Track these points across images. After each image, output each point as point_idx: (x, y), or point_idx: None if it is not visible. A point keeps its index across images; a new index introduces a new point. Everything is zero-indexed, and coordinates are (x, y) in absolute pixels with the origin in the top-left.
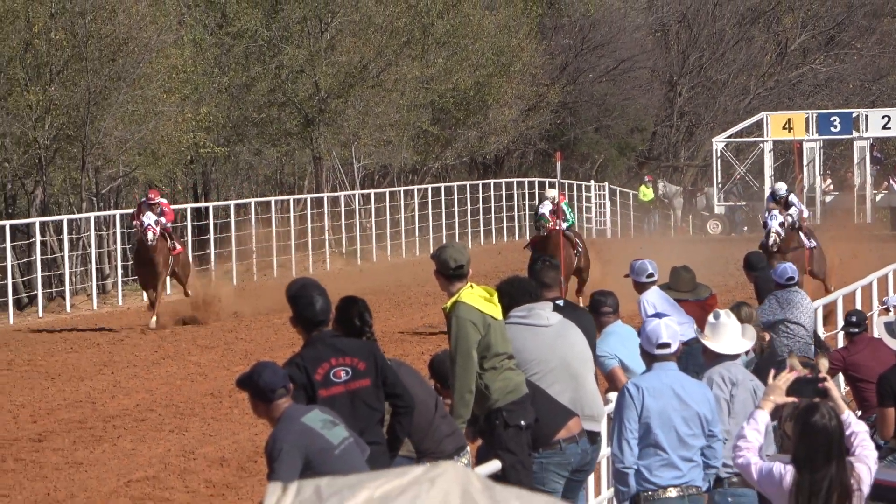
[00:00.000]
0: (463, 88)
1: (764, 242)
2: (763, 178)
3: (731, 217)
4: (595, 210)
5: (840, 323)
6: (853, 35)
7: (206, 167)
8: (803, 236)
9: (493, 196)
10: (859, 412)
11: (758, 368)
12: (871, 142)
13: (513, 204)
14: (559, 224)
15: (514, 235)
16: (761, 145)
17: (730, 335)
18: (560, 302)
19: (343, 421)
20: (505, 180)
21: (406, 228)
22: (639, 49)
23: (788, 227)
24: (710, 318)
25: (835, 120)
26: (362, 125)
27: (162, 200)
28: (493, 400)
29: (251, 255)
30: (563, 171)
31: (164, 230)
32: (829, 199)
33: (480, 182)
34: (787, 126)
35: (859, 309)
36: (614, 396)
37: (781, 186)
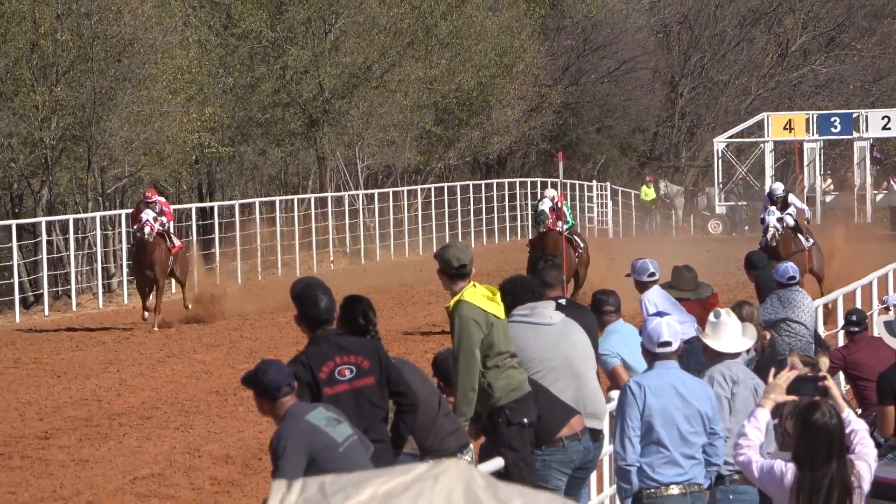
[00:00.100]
0: (466, 89)
1: (764, 242)
2: (764, 179)
3: (732, 217)
4: (597, 210)
5: (840, 322)
6: (853, 36)
7: (210, 167)
8: (801, 237)
9: (495, 196)
10: (859, 410)
11: (759, 367)
12: (871, 142)
13: (515, 204)
14: (559, 225)
15: (517, 235)
16: (762, 145)
17: (730, 334)
18: (562, 301)
19: (347, 419)
20: (507, 180)
21: (409, 228)
22: (640, 50)
23: (786, 228)
24: (711, 317)
25: (835, 120)
26: (366, 125)
27: (160, 199)
28: (496, 398)
29: (256, 254)
30: (565, 171)
31: (162, 229)
32: (829, 199)
33: (483, 182)
34: (787, 126)
35: (859, 308)
36: (616, 395)
37: (778, 186)
